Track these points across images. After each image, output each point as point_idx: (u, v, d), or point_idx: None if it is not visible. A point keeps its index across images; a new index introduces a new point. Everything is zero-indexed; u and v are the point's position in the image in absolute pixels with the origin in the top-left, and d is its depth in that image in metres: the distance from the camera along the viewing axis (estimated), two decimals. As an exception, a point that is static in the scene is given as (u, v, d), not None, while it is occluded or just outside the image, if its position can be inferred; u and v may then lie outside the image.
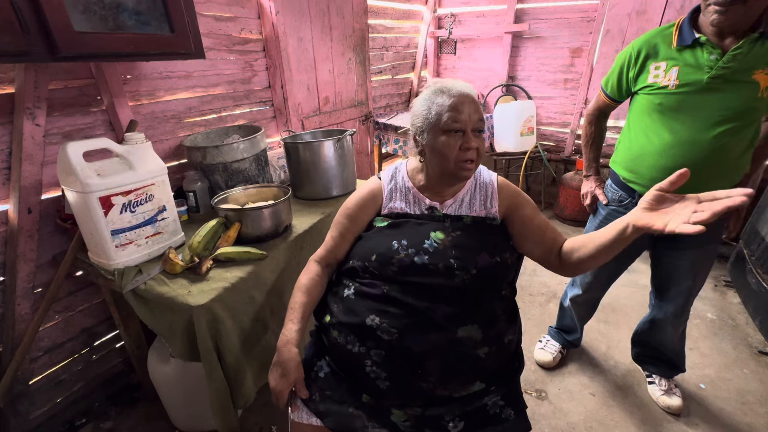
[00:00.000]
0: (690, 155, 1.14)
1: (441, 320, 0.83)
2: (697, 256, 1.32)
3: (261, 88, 2.01)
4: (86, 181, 1.01)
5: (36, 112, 1.17)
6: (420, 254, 0.87)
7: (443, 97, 0.88)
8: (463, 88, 0.89)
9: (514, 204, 0.98)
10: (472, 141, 0.87)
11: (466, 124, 0.86)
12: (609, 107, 1.40)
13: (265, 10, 1.88)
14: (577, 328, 1.73)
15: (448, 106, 0.86)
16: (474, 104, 0.88)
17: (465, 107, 0.86)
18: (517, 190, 1.01)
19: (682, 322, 1.48)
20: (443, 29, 3.54)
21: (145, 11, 1.13)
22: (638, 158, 1.25)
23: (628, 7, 2.73)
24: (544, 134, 3.49)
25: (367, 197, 1.01)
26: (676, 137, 1.16)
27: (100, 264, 1.15)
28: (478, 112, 0.88)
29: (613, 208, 1.39)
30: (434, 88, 0.91)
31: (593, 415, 1.53)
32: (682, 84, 1.12)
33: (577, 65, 3.11)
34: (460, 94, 0.87)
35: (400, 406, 0.86)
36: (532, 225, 0.97)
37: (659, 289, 1.47)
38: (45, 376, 1.43)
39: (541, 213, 1.00)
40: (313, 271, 1.02)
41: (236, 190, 1.42)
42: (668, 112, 1.16)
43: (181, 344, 1.08)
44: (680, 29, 1.15)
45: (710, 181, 1.16)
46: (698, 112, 1.12)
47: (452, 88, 0.88)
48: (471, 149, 0.87)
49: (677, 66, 1.13)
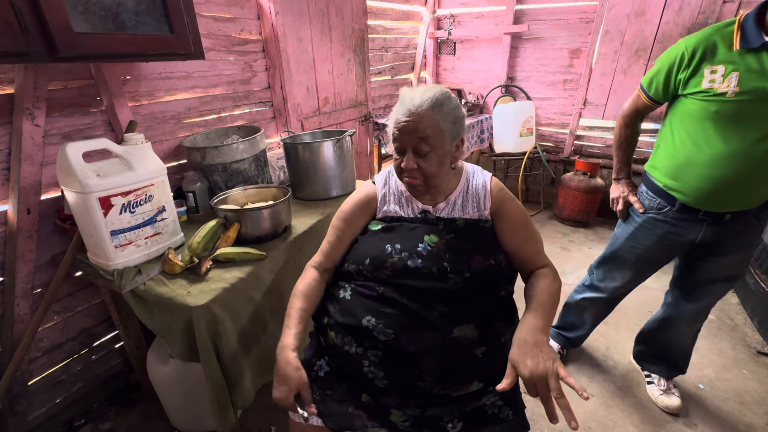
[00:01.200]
0: (743, 167, 1.06)
1: (436, 320, 0.84)
2: (736, 260, 1.28)
3: (260, 89, 2.01)
4: (86, 181, 1.02)
5: (35, 112, 1.17)
6: (413, 258, 0.88)
7: (400, 108, 0.86)
8: (416, 101, 0.83)
9: (505, 206, 0.97)
10: (407, 161, 0.86)
11: (405, 143, 0.85)
12: (648, 109, 1.29)
13: (265, 10, 1.88)
14: (581, 326, 1.68)
15: (395, 121, 0.86)
16: (421, 121, 0.82)
17: (406, 127, 0.83)
18: (510, 195, 1.00)
19: (701, 321, 1.46)
20: (442, 30, 3.54)
21: (145, 12, 1.13)
22: (684, 166, 1.16)
23: (627, 8, 2.74)
24: (543, 135, 3.49)
25: (362, 202, 1.02)
26: (729, 147, 1.06)
27: (99, 264, 1.15)
28: (422, 131, 0.82)
29: (651, 216, 1.30)
30: (399, 99, 0.88)
31: (592, 415, 1.53)
32: (743, 91, 1.00)
33: (576, 66, 3.12)
34: (407, 111, 0.83)
35: (400, 406, 0.86)
36: (516, 227, 0.95)
37: (684, 288, 1.43)
38: (44, 377, 1.43)
39: (531, 224, 0.98)
40: (311, 277, 1.02)
41: (236, 191, 1.42)
42: (723, 121, 1.06)
43: (180, 345, 1.08)
44: (743, 29, 1.02)
45: (760, 193, 1.12)
46: (757, 122, 1.02)
47: (406, 102, 0.85)
48: (406, 170, 0.87)
49: (737, 71, 1.01)
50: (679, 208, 1.22)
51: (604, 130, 3.16)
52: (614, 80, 2.96)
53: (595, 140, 3.23)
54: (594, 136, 3.23)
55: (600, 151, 3.24)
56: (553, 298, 0.88)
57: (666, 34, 2.66)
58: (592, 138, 3.24)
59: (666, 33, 2.66)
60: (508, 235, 0.95)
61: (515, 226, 0.95)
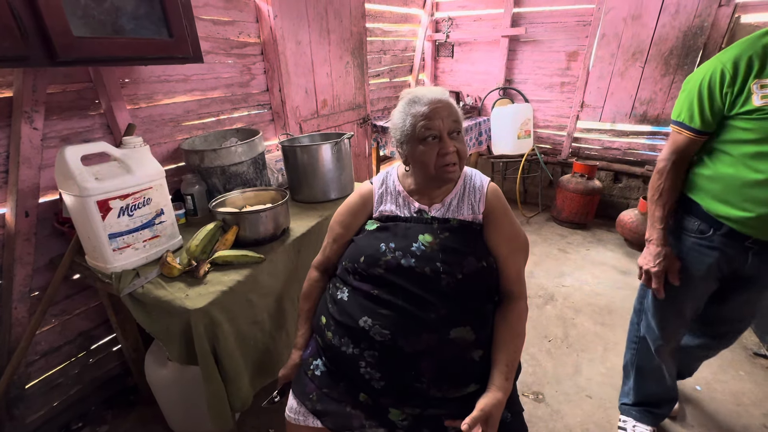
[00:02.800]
0: None
1: (433, 321, 0.84)
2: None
3: (259, 92, 2.02)
4: (84, 184, 1.02)
5: (34, 115, 1.17)
6: (407, 257, 0.88)
7: (416, 106, 0.89)
8: (434, 94, 0.90)
9: (496, 213, 0.96)
10: (449, 145, 0.88)
11: (441, 129, 0.88)
12: (693, 145, 1.10)
13: (264, 14, 1.89)
14: (668, 389, 1.39)
15: (421, 115, 0.88)
16: (447, 108, 0.89)
17: (437, 113, 0.87)
18: (506, 207, 0.98)
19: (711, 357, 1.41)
20: (441, 33, 3.56)
21: (144, 16, 1.13)
22: (739, 190, 1.02)
23: (624, 12, 2.76)
24: (541, 137, 3.51)
25: (359, 202, 1.04)
26: None
27: (97, 267, 1.15)
28: (452, 115, 0.89)
29: (694, 241, 1.14)
30: (407, 99, 0.92)
31: (590, 417, 1.53)
32: None
33: (574, 69, 3.14)
34: (430, 102, 0.88)
35: (398, 404, 0.86)
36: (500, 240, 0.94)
37: (707, 321, 1.31)
38: (41, 380, 1.42)
39: (518, 244, 0.96)
40: (313, 278, 1.09)
41: (234, 194, 1.43)
42: None
43: (178, 347, 1.08)
44: None
45: None
46: None
47: (423, 97, 0.89)
48: (449, 153, 0.88)
49: None
50: (725, 233, 1.08)
51: (602, 132, 3.18)
52: (611, 83, 2.98)
53: (593, 142, 3.25)
54: (591, 138, 3.25)
55: (597, 153, 3.26)
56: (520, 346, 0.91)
57: (662, 37, 2.68)
58: (590, 140, 3.26)
59: (662, 36, 2.68)
60: (491, 244, 0.94)
61: (500, 239, 0.94)
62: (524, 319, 0.93)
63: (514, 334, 0.89)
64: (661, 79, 2.79)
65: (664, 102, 2.83)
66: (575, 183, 3.00)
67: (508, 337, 0.88)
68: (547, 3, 3.07)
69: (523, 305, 0.94)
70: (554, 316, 2.12)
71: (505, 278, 0.94)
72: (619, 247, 2.87)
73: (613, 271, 2.56)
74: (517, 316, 0.91)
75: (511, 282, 0.94)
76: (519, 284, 0.95)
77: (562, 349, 1.89)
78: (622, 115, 3.02)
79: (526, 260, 0.98)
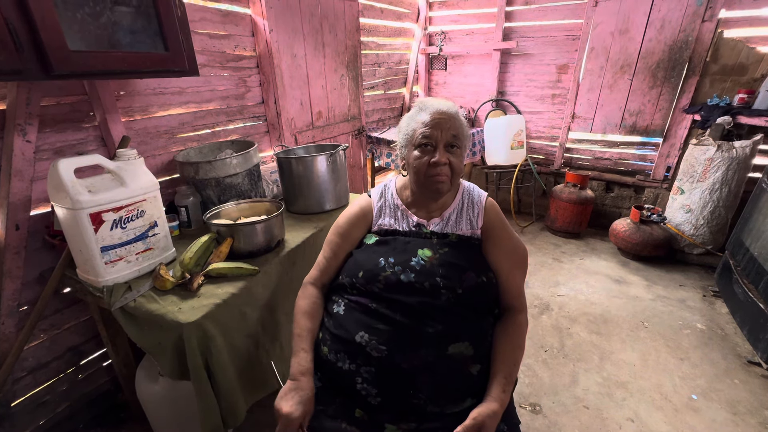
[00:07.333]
0: None
1: (432, 337, 0.83)
2: None
3: (254, 104, 2.03)
4: (77, 197, 1.01)
5: (27, 128, 1.16)
6: (406, 272, 0.88)
7: (421, 114, 0.92)
8: (440, 105, 0.92)
9: (495, 229, 0.97)
10: (439, 156, 0.89)
11: (438, 139, 0.89)
12: None
13: (259, 27, 1.92)
14: None
15: (422, 122, 0.90)
16: (450, 120, 0.90)
17: (438, 123, 0.89)
18: (504, 222, 0.99)
19: None
20: (434, 46, 3.62)
21: (140, 30, 1.14)
22: None
23: (611, 26, 2.84)
24: (534, 147, 3.56)
25: (358, 215, 1.03)
26: None
27: (88, 281, 1.14)
28: (453, 129, 0.90)
29: None
30: (417, 107, 0.95)
31: (588, 428, 1.52)
32: None
33: (564, 81, 3.21)
34: (434, 112, 0.90)
35: (394, 420, 0.85)
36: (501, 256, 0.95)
37: None
38: (28, 398, 1.38)
39: (517, 258, 0.97)
40: (314, 295, 1.02)
41: (229, 205, 1.42)
42: None
43: (170, 362, 1.06)
44: None
45: None
46: None
47: (430, 107, 0.92)
48: (440, 164, 0.89)
49: None
50: None
51: (593, 143, 3.23)
52: (601, 95, 3.04)
53: (584, 153, 3.30)
54: (583, 149, 3.30)
55: (589, 163, 3.31)
56: (520, 358, 0.90)
57: (649, 50, 2.76)
58: (582, 150, 3.31)
59: (649, 50, 2.76)
60: (492, 259, 0.95)
61: (500, 255, 0.95)
62: (525, 331, 0.93)
63: (514, 346, 0.89)
64: (649, 91, 2.85)
65: (652, 113, 2.89)
66: (568, 193, 3.03)
67: (508, 349, 0.88)
68: (537, 18, 3.15)
69: (524, 318, 0.94)
70: (550, 326, 2.12)
71: (506, 293, 0.95)
72: (612, 256, 2.89)
73: (607, 279, 2.57)
74: (517, 328, 0.92)
75: (512, 297, 0.95)
76: (520, 298, 0.96)
77: (559, 359, 1.88)
78: (613, 126, 3.08)
79: (525, 273, 1.00)
